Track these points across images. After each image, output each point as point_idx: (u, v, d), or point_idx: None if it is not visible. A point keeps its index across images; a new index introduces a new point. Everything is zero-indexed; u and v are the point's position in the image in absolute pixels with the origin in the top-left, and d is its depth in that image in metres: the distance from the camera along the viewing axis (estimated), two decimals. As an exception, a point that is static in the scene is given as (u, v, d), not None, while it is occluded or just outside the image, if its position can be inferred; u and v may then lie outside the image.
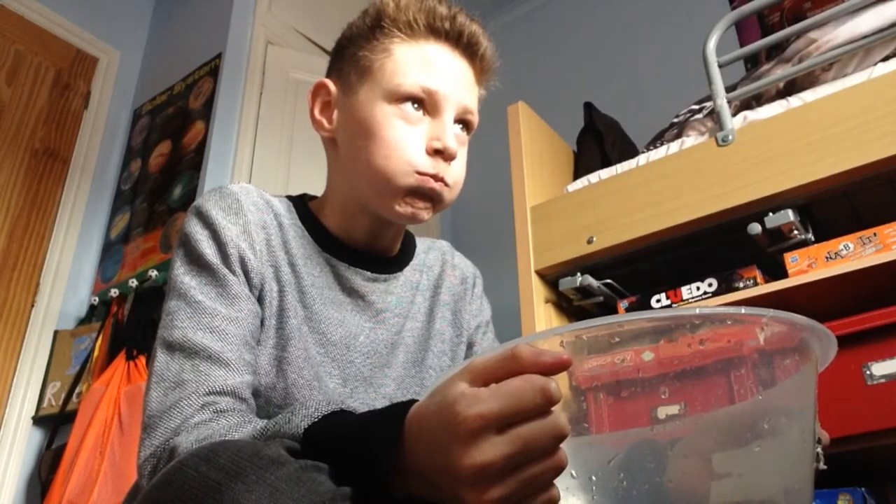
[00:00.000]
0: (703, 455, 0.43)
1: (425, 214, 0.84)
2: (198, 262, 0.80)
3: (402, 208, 0.83)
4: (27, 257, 2.56)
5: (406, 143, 0.81)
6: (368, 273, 0.91)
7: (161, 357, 0.75)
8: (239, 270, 0.80)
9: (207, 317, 0.76)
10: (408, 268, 0.97)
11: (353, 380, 0.87)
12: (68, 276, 2.63)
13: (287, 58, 2.80)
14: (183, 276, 0.80)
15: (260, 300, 0.82)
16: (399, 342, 0.92)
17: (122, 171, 2.89)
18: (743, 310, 0.39)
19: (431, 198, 0.83)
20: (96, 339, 2.36)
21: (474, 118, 0.89)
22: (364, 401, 0.87)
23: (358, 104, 0.85)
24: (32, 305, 2.52)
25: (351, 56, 0.88)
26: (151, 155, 2.76)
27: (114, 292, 2.47)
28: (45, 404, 2.39)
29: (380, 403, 0.87)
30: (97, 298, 2.56)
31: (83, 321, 2.55)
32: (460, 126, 0.87)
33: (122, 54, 3.05)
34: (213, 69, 2.69)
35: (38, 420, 2.38)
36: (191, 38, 2.93)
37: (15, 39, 2.71)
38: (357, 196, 0.87)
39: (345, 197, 0.89)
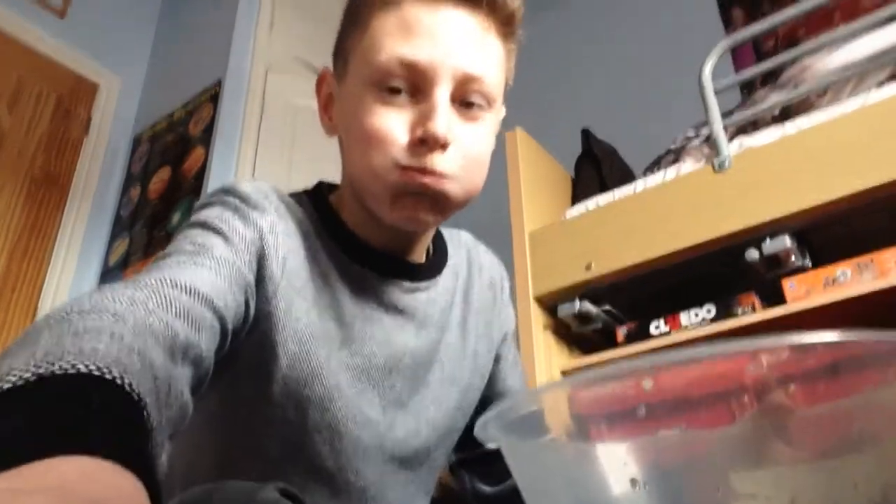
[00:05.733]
0: (718, 474, 0.42)
1: (427, 216, 0.69)
2: (204, 225, 0.67)
3: (398, 212, 0.69)
4: (27, 280, 2.56)
5: (386, 134, 0.66)
6: (407, 283, 0.78)
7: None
8: (252, 261, 0.67)
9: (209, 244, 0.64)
10: (446, 269, 0.84)
11: (392, 406, 0.76)
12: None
13: (287, 84, 2.82)
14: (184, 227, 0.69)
15: (273, 319, 0.68)
16: (434, 359, 0.81)
17: (122, 197, 2.90)
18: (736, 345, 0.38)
19: (428, 195, 0.67)
20: (94, 365, 2.34)
21: (485, 86, 0.69)
22: (407, 429, 0.77)
23: (346, 93, 0.72)
24: (30, 331, 2.52)
25: (339, 39, 0.76)
26: (151, 181, 2.78)
27: (112, 318, 2.46)
28: (41, 431, 2.38)
29: (424, 430, 0.79)
30: (95, 324, 2.54)
31: (81, 347, 2.53)
32: (468, 99, 0.69)
33: (122, 81, 3.08)
34: (213, 95, 2.71)
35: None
36: (191, 64, 2.96)
37: (16, 66, 2.74)
38: (362, 199, 0.74)
39: (355, 200, 0.76)
